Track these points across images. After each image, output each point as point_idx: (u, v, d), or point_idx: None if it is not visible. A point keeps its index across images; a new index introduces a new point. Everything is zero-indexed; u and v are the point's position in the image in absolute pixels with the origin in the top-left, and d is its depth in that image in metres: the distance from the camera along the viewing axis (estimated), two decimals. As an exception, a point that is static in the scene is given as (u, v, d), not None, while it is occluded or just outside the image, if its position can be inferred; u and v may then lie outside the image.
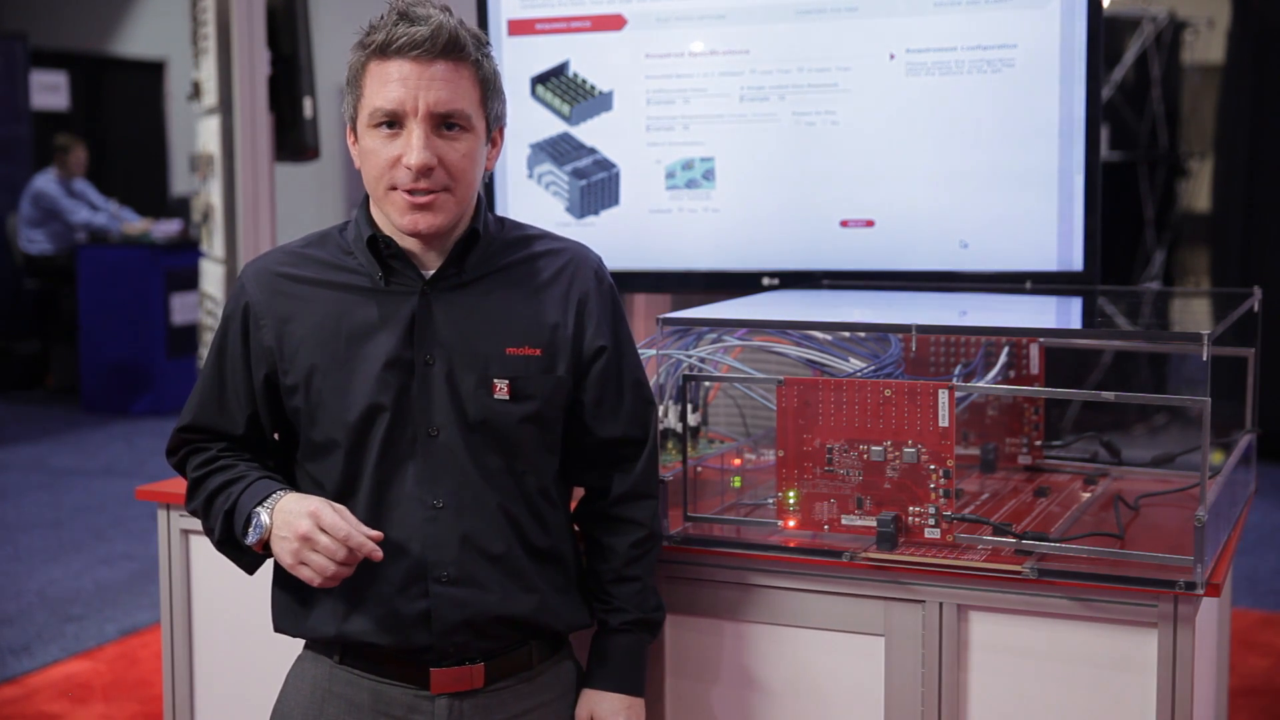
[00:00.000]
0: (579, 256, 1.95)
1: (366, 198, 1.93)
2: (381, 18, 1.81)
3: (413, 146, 1.78)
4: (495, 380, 1.84)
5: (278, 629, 1.92)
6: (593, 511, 1.98)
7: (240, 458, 1.91)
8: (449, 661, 1.85)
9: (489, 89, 1.85)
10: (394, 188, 1.81)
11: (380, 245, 1.85)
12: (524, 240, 1.95)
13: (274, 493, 1.82)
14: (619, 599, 1.95)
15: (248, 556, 1.88)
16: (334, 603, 1.84)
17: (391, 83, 1.78)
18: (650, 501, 1.97)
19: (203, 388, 1.93)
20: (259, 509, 1.81)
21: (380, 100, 1.79)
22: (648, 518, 1.96)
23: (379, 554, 1.76)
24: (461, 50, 1.80)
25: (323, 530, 1.74)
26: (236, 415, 1.90)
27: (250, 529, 1.81)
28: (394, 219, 1.83)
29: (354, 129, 1.85)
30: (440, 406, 1.83)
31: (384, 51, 1.79)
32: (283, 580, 1.90)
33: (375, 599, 1.82)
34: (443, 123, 1.80)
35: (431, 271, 1.87)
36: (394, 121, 1.79)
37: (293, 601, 1.88)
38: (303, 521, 1.75)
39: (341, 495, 1.83)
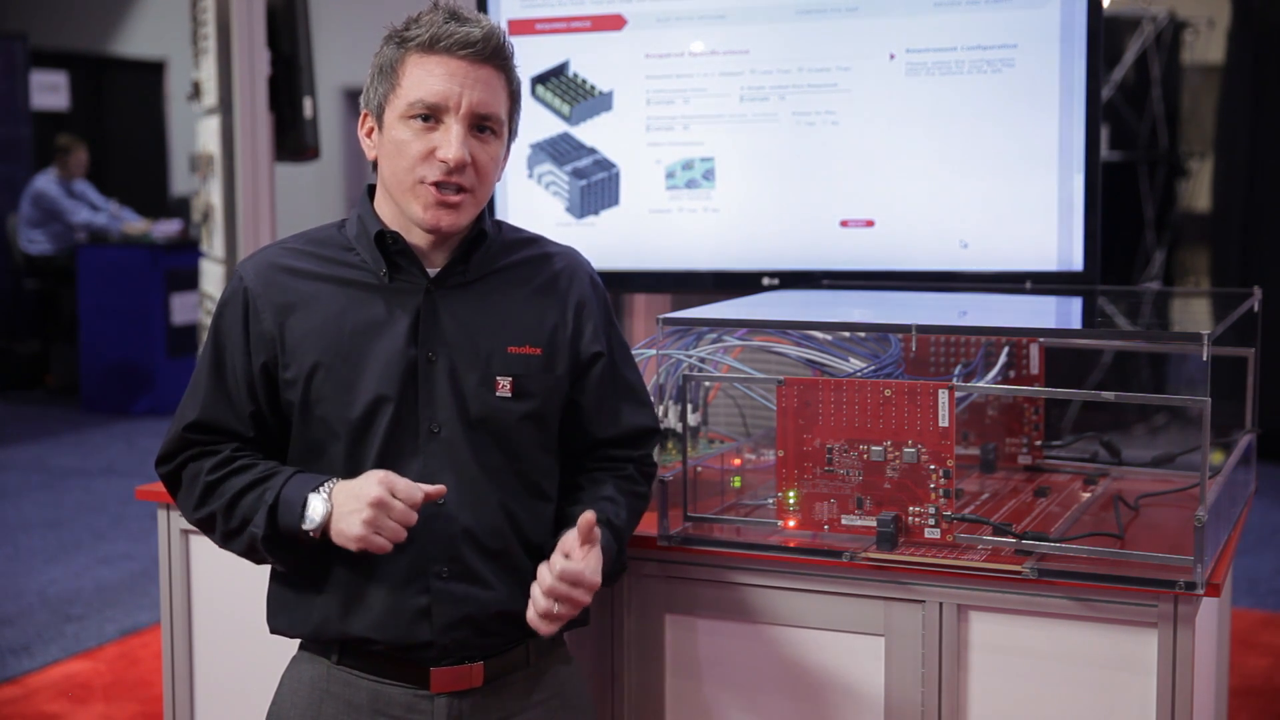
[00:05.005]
0: (575, 262, 1.99)
1: (368, 193, 1.93)
2: (419, 15, 1.83)
3: (451, 142, 1.80)
4: (498, 378, 1.86)
5: (274, 630, 1.91)
6: (586, 465, 1.99)
7: (256, 458, 1.87)
8: (449, 660, 1.85)
9: (516, 101, 1.90)
10: (421, 181, 1.81)
11: (388, 241, 1.86)
12: (521, 243, 1.98)
13: (323, 481, 1.79)
14: (595, 506, 1.89)
15: (288, 553, 1.82)
16: (334, 601, 1.84)
17: (437, 76, 1.80)
18: (649, 472, 2.02)
19: (202, 383, 1.88)
20: (313, 495, 1.77)
21: (423, 92, 1.80)
22: (636, 470, 1.99)
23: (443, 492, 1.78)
24: (505, 59, 1.85)
25: (395, 496, 1.73)
26: (242, 410, 1.86)
27: (306, 515, 1.76)
28: (416, 213, 1.83)
29: (378, 119, 1.86)
30: (442, 403, 1.84)
31: (431, 46, 1.80)
32: (280, 579, 1.90)
33: (376, 595, 1.82)
34: (478, 124, 1.83)
35: (436, 269, 1.88)
36: (431, 115, 1.81)
37: (290, 601, 1.88)
38: (373, 489, 1.73)
39: None
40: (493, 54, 1.83)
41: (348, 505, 1.75)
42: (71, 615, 4.72)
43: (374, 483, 1.74)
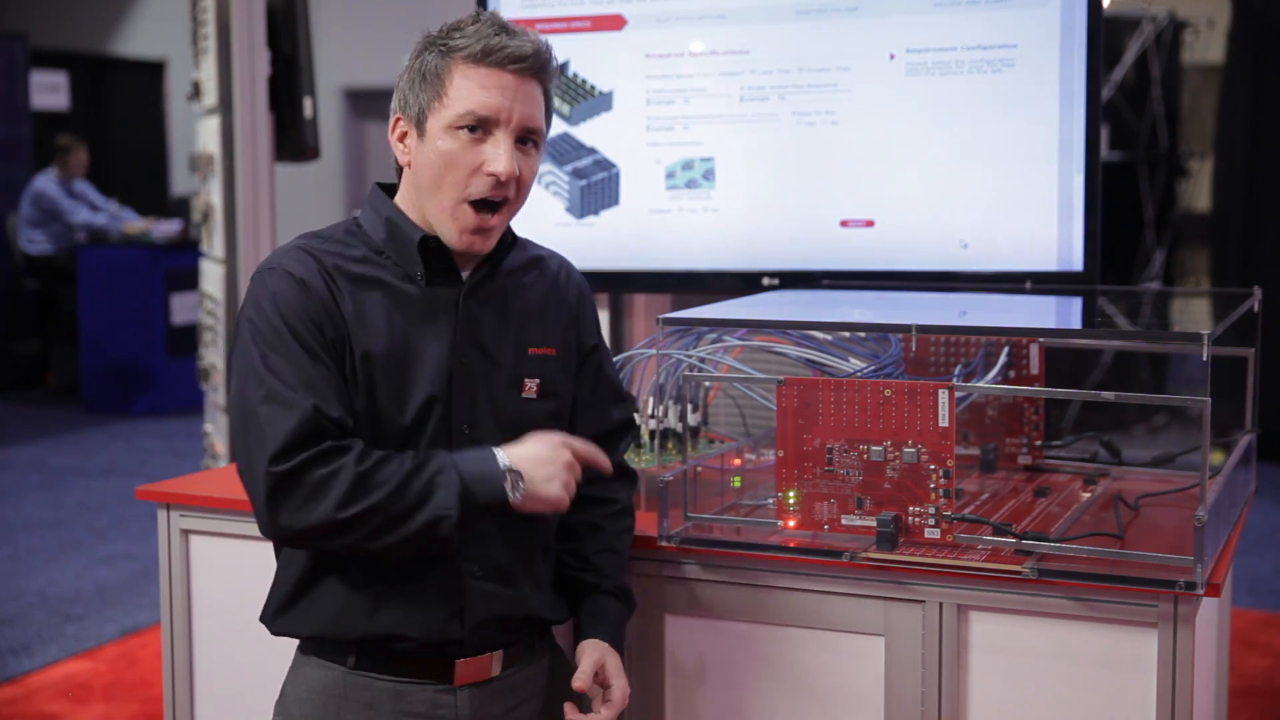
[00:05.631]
0: (565, 261, 2.05)
1: (380, 193, 1.92)
2: (461, 24, 1.83)
3: (501, 155, 1.80)
4: (525, 380, 1.89)
5: (279, 631, 1.89)
6: (578, 496, 1.99)
7: (388, 452, 1.79)
8: (471, 652, 1.87)
9: (550, 114, 1.91)
10: (465, 201, 1.81)
11: (430, 246, 1.86)
12: (521, 244, 2.00)
13: (489, 454, 1.80)
14: (606, 568, 1.98)
15: (467, 533, 1.80)
16: (359, 598, 1.83)
17: (489, 89, 1.80)
18: (630, 481, 2.06)
19: (303, 374, 1.75)
20: (502, 468, 1.78)
21: (473, 104, 1.79)
22: (627, 496, 2.04)
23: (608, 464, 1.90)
24: (551, 75, 1.87)
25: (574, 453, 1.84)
26: (345, 398, 1.78)
27: (512, 489, 1.78)
28: (451, 232, 1.83)
29: (419, 127, 1.84)
30: (476, 406, 1.86)
31: (483, 57, 1.80)
32: (296, 579, 1.87)
33: (407, 593, 1.83)
34: (523, 136, 1.84)
35: (466, 271, 1.89)
36: (479, 127, 1.80)
37: (303, 600, 1.86)
38: (563, 453, 1.82)
39: None
40: (541, 69, 1.84)
41: (541, 471, 1.80)
42: (71, 615, 4.72)
43: (556, 445, 1.82)
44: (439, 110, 1.81)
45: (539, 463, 1.80)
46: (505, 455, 1.79)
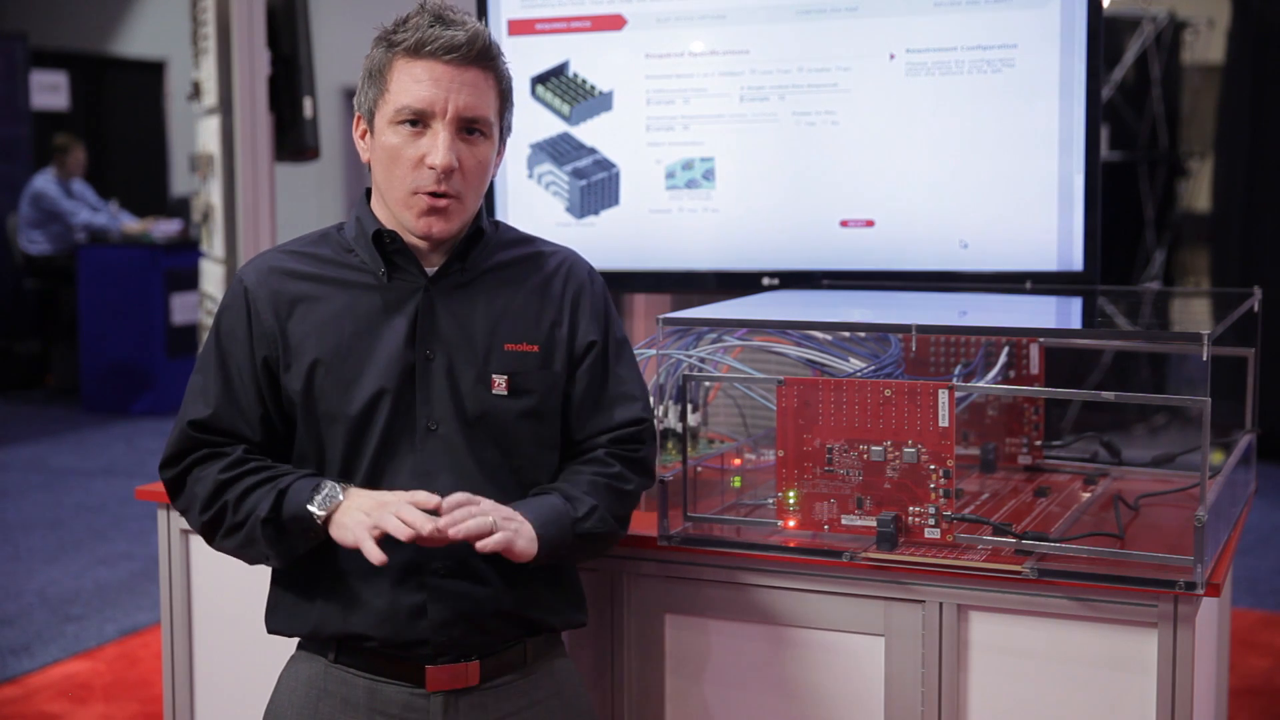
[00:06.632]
0: (572, 258, 2.01)
1: (366, 194, 1.94)
2: (408, 17, 1.84)
3: (439, 148, 1.81)
4: (494, 376, 1.87)
5: (273, 630, 1.91)
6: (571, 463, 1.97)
7: (267, 461, 1.86)
8: (445, 658, 1.85)
9: (506, 99, 1.90)
10: (415, 192, 1.83)
11: (385, 240, 1.87)
12: (519, 241, 2.00)
13: (331, 487, 1.79)
14: (558, 483, 1.90)
15: (284, 544, 1.81)
16: (333, 600, 1.84)
17: (423, 82, 1.81)
18: (631, 466, 1.95)
19: (209, 385, 1.87)
20: (329, 484, 1.79)
21: (409, 98, 1.81)
22: (624, 468, 1.93)
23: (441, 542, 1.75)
24: (492, 59, 1.86)
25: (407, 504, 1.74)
26: (250, 413, 1.86)
27: (319, 496, 1.77)
28: (408, 221, 1.85)
29: (369, 123, 1.87)
30: (440, 401, 1.85)
31: (417, 51, 1.81)
32: (281, 581, 1.90)
33: (374, 592, 1.83)
34: (466, 127, 1.83)
35: (434, 268, 1.89)
36: (419, 120, 1.82)
37: (290, 602, 1.88)
38: (388, 494, 1.78)
39: None
40: (478, 56, 1.83)
41: (349, 517, 1.76)
42: (71, 615, 4.72)
43: (381, 506, 1.75)
44: (383, 106, 1.84)
45: (352, 509, 1.77)
46: (350, 487, 1.80)
